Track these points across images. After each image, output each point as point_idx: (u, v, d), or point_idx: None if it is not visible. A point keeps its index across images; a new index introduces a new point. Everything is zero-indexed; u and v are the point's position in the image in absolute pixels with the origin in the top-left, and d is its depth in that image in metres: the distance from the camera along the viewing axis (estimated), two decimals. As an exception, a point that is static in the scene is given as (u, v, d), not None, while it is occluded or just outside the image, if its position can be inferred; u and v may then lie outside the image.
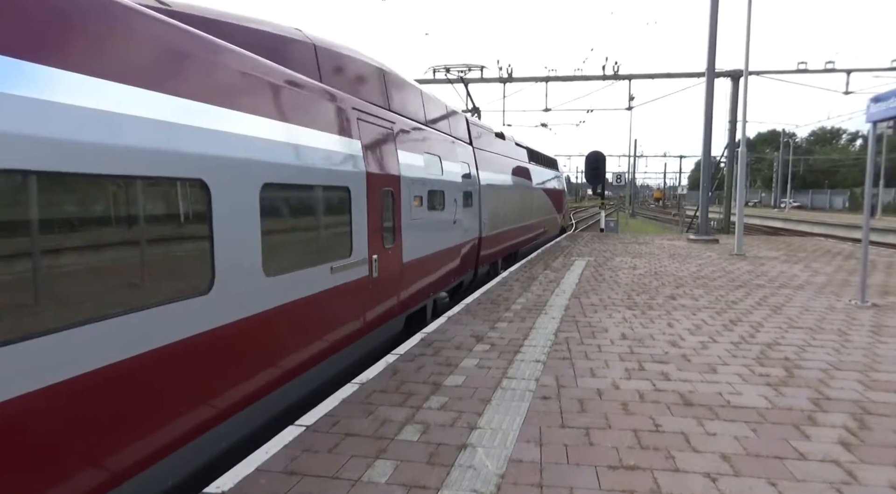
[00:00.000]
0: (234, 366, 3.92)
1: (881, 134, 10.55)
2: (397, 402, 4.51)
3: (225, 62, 3.96)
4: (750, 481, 3.26)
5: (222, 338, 3.75)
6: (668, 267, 12.69)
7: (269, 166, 4.26)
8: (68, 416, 2.71)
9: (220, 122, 3.80)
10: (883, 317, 7.54)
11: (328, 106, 5.36)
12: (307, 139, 4.87)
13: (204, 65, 3.76)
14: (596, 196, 27.21)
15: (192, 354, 3.50)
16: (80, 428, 2.78)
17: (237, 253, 3.89)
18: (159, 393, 3.26)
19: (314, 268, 4.89)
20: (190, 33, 3.71)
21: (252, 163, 4.06)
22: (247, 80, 4.17)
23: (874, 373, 5.21)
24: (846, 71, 24.12)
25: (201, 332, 3.54)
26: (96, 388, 2.86)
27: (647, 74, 25.76)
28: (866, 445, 3.71)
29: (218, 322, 3.69)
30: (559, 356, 5.79)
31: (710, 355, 5.82)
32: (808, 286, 10.10)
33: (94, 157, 2.85)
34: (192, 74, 3.63)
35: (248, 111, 4.11)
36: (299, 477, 3.32)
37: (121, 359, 2.98)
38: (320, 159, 5.03)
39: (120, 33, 3.11)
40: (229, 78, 3.98)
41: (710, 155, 19.51)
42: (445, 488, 3.18)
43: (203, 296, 3.55)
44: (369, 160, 6.09)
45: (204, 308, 3.56)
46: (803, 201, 71.50)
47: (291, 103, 4.73)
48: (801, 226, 38.05)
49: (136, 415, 3.10)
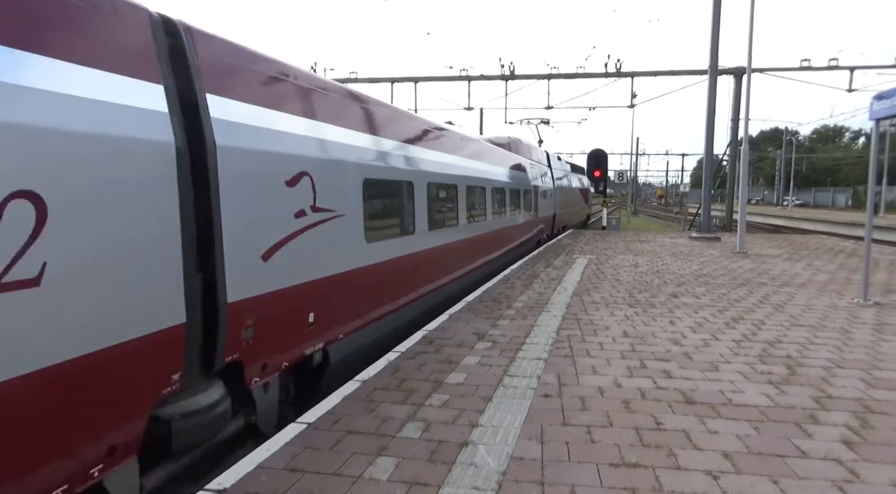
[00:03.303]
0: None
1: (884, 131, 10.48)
2: (399, 400, 4.51)
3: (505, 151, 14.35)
4: (752, 479, 3.25)
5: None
6: (670, 266, 12.67)
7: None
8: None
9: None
10: (885, 316, 7.52)
11: (540, 165, 19.45)
12: (544, 176, 19.02)
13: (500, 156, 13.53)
14: (598, 194, 27.78)
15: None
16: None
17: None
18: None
19: (530, 213, 16.37)
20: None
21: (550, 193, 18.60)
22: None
23: (877, 371, 5.20)
24: (849, 68, 24.00)
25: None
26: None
27: (649, 72, 25.67)
28: (868, 443, 3.71)
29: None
30: (561, 353, 5.79)
31: (712, 353, 5.82)
32: (810, 284, 10.08)
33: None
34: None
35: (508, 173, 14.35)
36: (300, 474, 3.32)
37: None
38: (543, 180, 19.05)
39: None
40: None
41: (713, 153, 19.44)
42: (447, 485, 3.18)
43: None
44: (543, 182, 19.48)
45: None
46: (806, 199, 71.38)
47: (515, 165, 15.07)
48: (803, 223, 37.95)
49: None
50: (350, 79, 26.42)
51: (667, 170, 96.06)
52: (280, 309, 4.38)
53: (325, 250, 5.03)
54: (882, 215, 40.67)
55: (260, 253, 4.11)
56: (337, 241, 5.26)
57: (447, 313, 7.69)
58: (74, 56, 2.81)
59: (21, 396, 2.46)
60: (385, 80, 27.16)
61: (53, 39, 2.72)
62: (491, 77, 26.61)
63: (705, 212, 19.73)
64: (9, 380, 2.41)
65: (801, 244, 18.14)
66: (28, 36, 2.62)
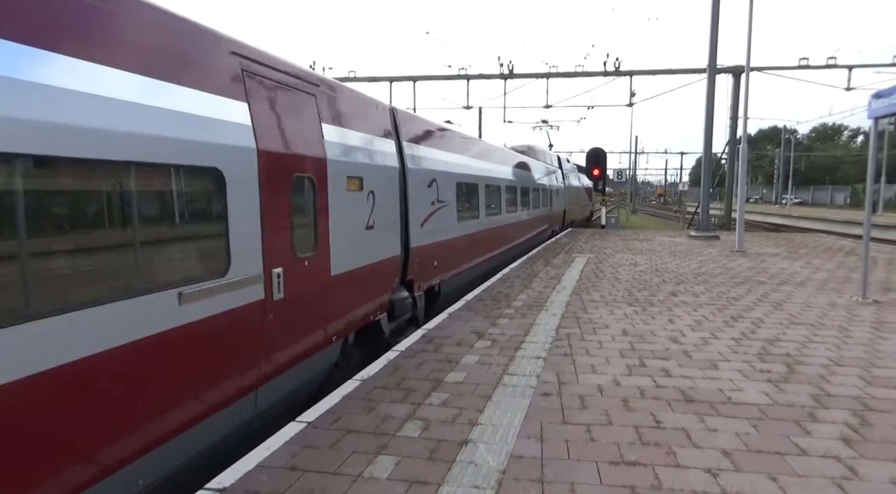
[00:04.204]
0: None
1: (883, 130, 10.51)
2: (398, 398, 4.51)
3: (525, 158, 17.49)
4: (751, 476, 3.26)
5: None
6: (669, 264, 12.69)
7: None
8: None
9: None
10: (884, 314, 7.54)
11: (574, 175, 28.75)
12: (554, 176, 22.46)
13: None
14: (597, 192, 28.23)
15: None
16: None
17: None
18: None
19: (547, 207, 20.06)
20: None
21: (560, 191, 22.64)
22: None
23: (875, 369, 5.21)
24: (848, 67, 24.00)
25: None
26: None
27: (648, 70, 25.64)
28: (867, 441, 3.72)
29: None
30: (560, 352, 5.79)
31: (711, 351, 5.83)
32: (809, 282, 10.09)
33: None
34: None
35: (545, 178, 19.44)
36: (300, 473, 3.32)
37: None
38: (566, 182, 25.35)
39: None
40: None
41: (712, 151, 19.45)
42: (446, 484, 3.19)
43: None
44: (570, 182, 27.10)
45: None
46: (804, 198, 71.40)
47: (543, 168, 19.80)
48: (802, 222, 38.00)
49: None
50: (349, 78, 26.36)
51: (665, 169, 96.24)
52: (426, 256, 7.78)
53: (441, 224, 8.47)
54: (881, 213, 40.70)
55: (420, 223, 7.54)
56: (445, 220, 8.71)
57: (446, 312, 7.70)
58: (382, 132, 6.57)
59: (364, 274, 5.75)
60: (384, 79, 27.12)
61: (374, 127, 6.34)
62: (490, 76, 26.59)
63: (704, 210, 19.74)
64: (366, 265, 5.80)
65: (799, 242, 18.16)
66: (377, 130, 6.46)
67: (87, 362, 2.69)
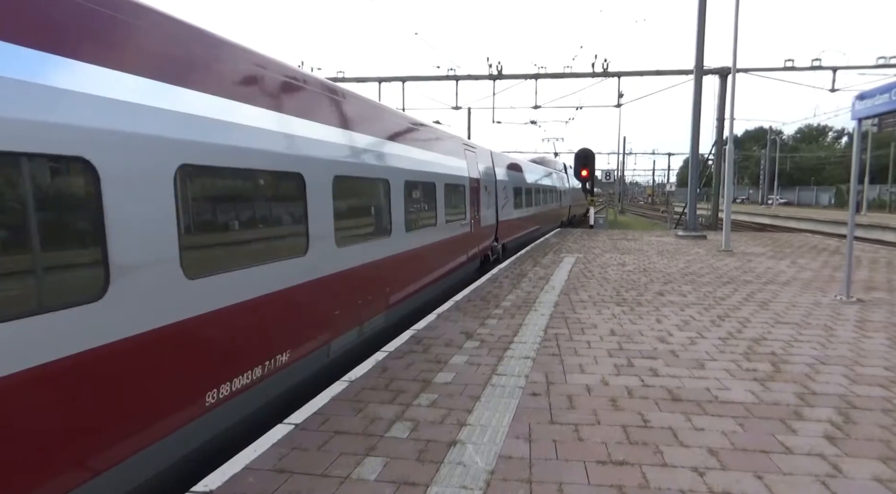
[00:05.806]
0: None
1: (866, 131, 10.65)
2: (387, 400, 4.50)
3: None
4: (737, 475, 3.29)
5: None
6: (657, 264, 12.77)
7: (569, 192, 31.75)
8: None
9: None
10: (867, 312, 7.63)
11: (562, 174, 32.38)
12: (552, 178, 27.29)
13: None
14: (585, 193, 28.62)
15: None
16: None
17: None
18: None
19: (557, 204, 27.56)
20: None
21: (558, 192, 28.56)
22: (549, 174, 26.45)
23: (859, 368, 5.27)
24: (832, 68, 24.29)
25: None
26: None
27: (635, 72, 25.81)
28: (851, 439, 3.76)
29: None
30: (548, 352, 5.80)
31: (698, 351, 5.87)
32: (794, 282, 10.20)
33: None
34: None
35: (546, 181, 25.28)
36: (288, 475, 3.30)
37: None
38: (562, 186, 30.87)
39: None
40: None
41: (698, 152, 19.60)
42: (435, 484, 3.18)
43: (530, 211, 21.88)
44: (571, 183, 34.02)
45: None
46: (790, 198, 72.19)
47: (544, 172, 25.16)
48: (787, 222, 38.41)
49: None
50: (338, 78, 26.28)
51: (653, 170, 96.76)
52: (504, 226, 14.83)
53: (509, 210, 15.70)
54: (864, 213, 41.26)
55: (502, 208, 14.64)
56: (510, 208, 15.80)
57: (435, 312, 7.69)
58: (489, 164, 13.64)
59: (489, 229, 13.37)
60: (373, 80, 27.07)
61: (489, 164, 13.79)
62: (479, 77, 26.64)
63: (691, 210, 19.90)
64: (489, 225, 13.45)
65: (785, 242, 18.35)
66: (488, 164, 13.78)
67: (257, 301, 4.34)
